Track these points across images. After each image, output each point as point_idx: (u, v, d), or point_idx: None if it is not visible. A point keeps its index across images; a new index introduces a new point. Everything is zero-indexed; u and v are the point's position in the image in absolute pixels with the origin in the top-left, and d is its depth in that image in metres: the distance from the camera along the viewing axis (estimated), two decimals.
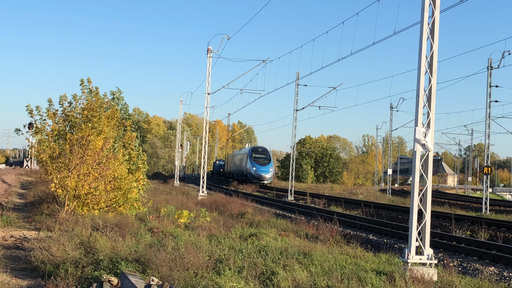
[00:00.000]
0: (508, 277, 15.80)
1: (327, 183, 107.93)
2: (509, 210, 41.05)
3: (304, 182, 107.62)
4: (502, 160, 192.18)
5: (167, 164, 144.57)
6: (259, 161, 75.48)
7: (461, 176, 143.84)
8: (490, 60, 41.40)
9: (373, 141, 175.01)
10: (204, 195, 43.19)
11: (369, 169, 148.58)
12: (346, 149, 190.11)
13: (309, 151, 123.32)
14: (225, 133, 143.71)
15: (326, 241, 19.38)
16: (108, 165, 22.25)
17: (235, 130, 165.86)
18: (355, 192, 67.35)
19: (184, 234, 17.61)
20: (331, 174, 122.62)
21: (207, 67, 45.19)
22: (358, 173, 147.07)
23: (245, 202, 34.63)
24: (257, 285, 11.42)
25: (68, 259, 13.12)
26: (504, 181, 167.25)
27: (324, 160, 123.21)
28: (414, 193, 13.87)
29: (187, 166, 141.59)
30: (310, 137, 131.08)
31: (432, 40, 14.17)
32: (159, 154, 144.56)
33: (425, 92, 14.15)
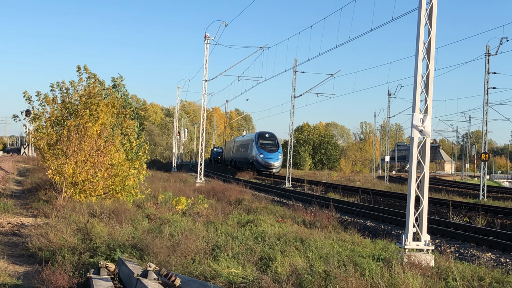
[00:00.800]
0: (505, 263, 15.85)
1: (325, 170, 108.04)
2: (507, 197, 41.12)
3: (302, 169, 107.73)
4: (500, 147, 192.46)
5: (165, 151, 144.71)
6: (266, 147, 70.01)
7: (458, 163, 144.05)
8: (488, 47, 41.32)
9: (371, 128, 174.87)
10: (202, 182, 43.20)
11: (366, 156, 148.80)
12: (344, 136, 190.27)
13: (307, 138, 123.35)
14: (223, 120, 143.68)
15: (324, 228, 19.41)
16: (105, 152, 22.24)
17: (232, 117, 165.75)
18: (352, 179, 67.43)
19: (181, 221, 17.62)
20: (328, 161, 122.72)
21: (205, 54, 45.09)
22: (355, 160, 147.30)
23: (243, 189, 34.67)
24: (255, 271, 11.43)
25: (65, 245, 13.13)
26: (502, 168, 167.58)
27: (322, 147, 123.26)
28: (411, 179, 13.87)
29: (185, 153, 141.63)
30: (308, 124, 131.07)
31: (430, 26, 14.12)
32: (156, 141, 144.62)
33: (423, 78, 14.12)
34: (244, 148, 77.61)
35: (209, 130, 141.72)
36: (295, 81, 52.99)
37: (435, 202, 32.55)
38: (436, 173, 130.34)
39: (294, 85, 53.11)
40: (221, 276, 10.86)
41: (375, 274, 11.02)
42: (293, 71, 52.27)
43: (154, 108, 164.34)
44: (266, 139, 71.46)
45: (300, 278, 10.58)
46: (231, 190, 32.87)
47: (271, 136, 72.54)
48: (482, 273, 11.93)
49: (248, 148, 74.25)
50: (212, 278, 10.79)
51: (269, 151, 69.14)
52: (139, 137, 29.06)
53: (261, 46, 44.49)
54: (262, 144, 70.24)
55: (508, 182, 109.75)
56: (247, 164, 74.72)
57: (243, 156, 76.96)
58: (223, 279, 10.72)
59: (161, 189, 27.60)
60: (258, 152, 69.02)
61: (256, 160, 69.22)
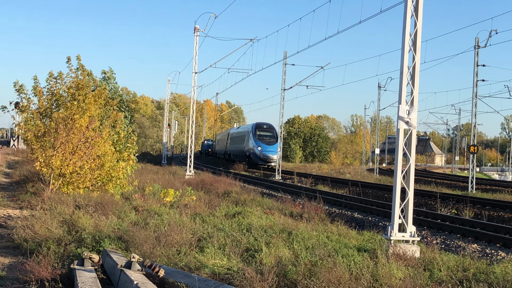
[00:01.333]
0: (490, 254, 15.94)
1: (315, 162, 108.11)
2: (495, 189, 41.32)
3: (292, 161, 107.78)
4: (490, 139, 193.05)
5: (155, 144, 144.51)
6: (264, 139, 65.21)
7: (448, 155, 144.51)
8: (477, 39, 41.42)
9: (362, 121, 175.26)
10: (192, 175, 43.19)
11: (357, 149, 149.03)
12: (335, 129, 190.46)
13: (298, 131, 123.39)
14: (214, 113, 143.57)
15: (311, 220, 19.46)
16: (93, 144, 22.19)
17: (223, 110, 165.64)
18: (342, 172, 67.52)
19: (169, 213, 17.62)
20: (319, 154, 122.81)
21: (194, 46, 45.04)
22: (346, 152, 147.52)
23: (232, 181, 34.69)
24: (240, 262, 11.46)
25: (51, 237, 13.11)
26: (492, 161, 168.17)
27: (313, 140, 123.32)
28: (397, 171, 13.91)
29: (176, 146, 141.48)
30: (299, 117, 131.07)
31: (416, 17, 14.13)
32: (147, 133, 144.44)
33: (409, 70, 14.14)
34: (239, 140, 73.53)
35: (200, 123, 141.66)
36: (285, 74, 53.00)
37: (424, 194, 32.68)
38: (426, 166, 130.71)
39: (284, 77, 53.11)
40: (205, 268, 10.88)
41: (360, 265, 11.06)
42: (283, 64, 52.28)
43: (145, 100, 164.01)
44: (264, 130, 67.20)
45: (284, 269, 10.61)
46: (220, 182, 32.89)
47: (269, 127, 68.36)
48: (466, 264, 12.00)
49: (244, 140, 70.38)
50: (196, 269, 10.80)
51: (267, 143, 64.64)
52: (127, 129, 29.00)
53: (251, 39, 44.48)
54: (260, 136, 65.93)
55: (497, 175, 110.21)
56: (243, 157, 71.13)
57: (239, 148, 73.13)
58: (208, 270, 10.73)
59: (148, 181, 27.56)
60: (256, 144, 64.86)
61: (253, 153, 65.44)
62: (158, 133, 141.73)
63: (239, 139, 73.52)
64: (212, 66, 49.64)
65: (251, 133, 66.22)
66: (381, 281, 10.13)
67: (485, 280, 10.54)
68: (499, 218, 23.67)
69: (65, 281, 9.73)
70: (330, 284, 9.85)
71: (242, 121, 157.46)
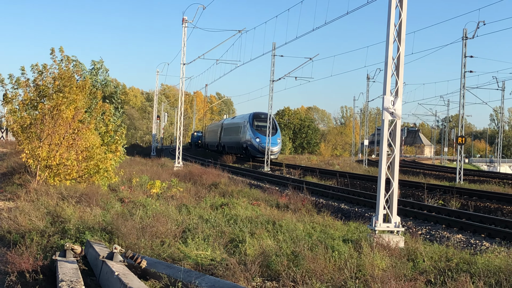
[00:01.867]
0: (474, 244, 16.01)
1: (305, 154, 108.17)
2: (483, 180, 41.50)
3: (282, 153, 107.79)
4: (479, 130, 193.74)
5: (145, 136, 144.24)
6: (263, 130, 60.40)
7: (438, 146, 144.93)
8: (465, 31, 41.48)
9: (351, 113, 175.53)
10: (180, 166, 43.14)
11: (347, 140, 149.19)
12: (325, 121, 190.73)
13: (288, 122, 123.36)
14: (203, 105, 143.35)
15: (297, 210, 19.48)
16: (79, 135, 22.12)
17: (213, 101, 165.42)
18: (331, 163, 67.58)
19: (154, 204, 17.59)
20: (309, 145, 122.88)
21: (183, 38, 44.93)
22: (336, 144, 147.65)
23: (220, 172, 34.68)
24: (224, 253, 11.46)
25: (34, 228, 13.07)
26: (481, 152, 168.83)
27: (302, 131, 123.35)
28: (382, 161, 13.93)
29: (165, 137, 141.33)
30: (289, 109, 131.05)
31: (400, 8, 14.13)
32: (136, 125, 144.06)
33: (394, 61, 14.15)
34: (235, 131, 69.40)
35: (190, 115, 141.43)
36: (274, 65, 53.03)
37: (412, 185, 32.78)
38: (416, 157, 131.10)
39: (272, 68, 53.13)
40: (189, 258, 10.88)
41: (344, 255, 11.09)
42: (272, 55, 52.24)
43: (134, 92, 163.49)
44: (262, 120, 62.31)
45: (268, 259, 10.62)
46: (208, 174, 32.85)
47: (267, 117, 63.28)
48: (450, 254, 12.06)
49: (240, 131, 66.38)
50: (180, 260, 10.80)
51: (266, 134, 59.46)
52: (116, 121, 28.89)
53: (239, 30, 44.38)
54: (258, 127, 61.72)
55: (486, 166, 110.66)
56: (239, 149, 67.42)
57: (234, 140, 68.93)
58: (191, 261, 10.73)
59: (134, 172, 27.51)
60: (254, 135, 60.78)
61: (251, 145, 61.13)
62: (148, 125, 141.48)
63: (234, 130, 69.88)
64: (200, 57, 49.60)
65: (248, 124, 62.27)
66: (364, 271, 10.16)
67: (467, 270, 10.59)
68: (485, 208, 23.78)
69: (46, 272, 9.70)
70: (313, 274, 9.88)
71: (232, 112, 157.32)
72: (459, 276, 9.81)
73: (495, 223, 19.00)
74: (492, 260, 11.14)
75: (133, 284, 8.08)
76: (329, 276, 9.94)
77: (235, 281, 9.36)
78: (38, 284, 9.23)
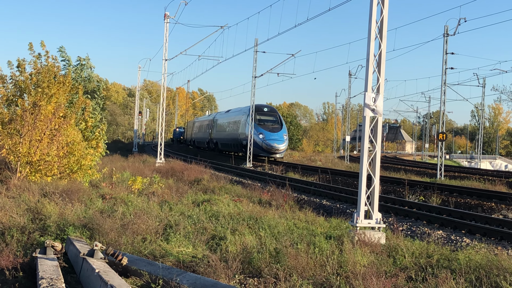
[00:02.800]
0: (455, 241, 16.10)
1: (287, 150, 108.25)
2: (463, 176, 41.77)
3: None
4: (460, 127, 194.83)
5: (127, 132, 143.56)
6: (266, 125, 54.64)
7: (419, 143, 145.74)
8: (446, 27, 41.68)
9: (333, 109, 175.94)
10: (162, 162, 43.03)
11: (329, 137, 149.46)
12: (307, 117, 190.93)
13: None
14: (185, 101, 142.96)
15: (279, 207, 19.49)
16: (60, 131, 21.99)
17: (195, 97, 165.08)
18: (313, 159, 67.68)
19: (136, 200, 17.53)
20: (291, 141, 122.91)
21: (164, 33, 44.79)
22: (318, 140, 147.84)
23: (203, 169, 34.61)
24: (205, 249, 11.45)
25: (15, 225, 12.97)
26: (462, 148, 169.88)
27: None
28: (363, 158, 13.96)
29: (147, 133, 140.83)
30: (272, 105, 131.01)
31: (382, 5, 14.16)
32: (118, 121, 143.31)
33: (375, 58, 14.17)
34: (231, 126, 62.61)
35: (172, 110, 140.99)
36: (256, 61, 52.92)
37: (393, 181, 32.94)
38: (397, 153, 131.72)
39: (255, 65, 53.04)
40: (170, 255, 10.86)
41: (326, 252, 11.11)
42: (254, 51, 52.16)
43: (116, 87, 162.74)
44: (264, 114, 55.53)
45: (249, 256, 10.63)
46: (190, 170, 32.79)
47: (271, 110, 57.21)
48: (430, 250, 12.11)
49: (238, 127, 59.42)
50: (161, 257, 10.77)
51: (270, 130, 53.59)
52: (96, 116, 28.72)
53: (222, 26, 44.31)
54: (261, 121, 54.41)
55: (467, 162, 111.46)
56: (237, 146, 60.29)
57: (231, 137, 61.82)
58: (172, 258, 10.71)
59: (114, 169, 27.37)
60: (256, 131, 53.08)
61: (254, 143, 52.53)
62: (130, 121, 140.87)
63: (231, 125, 62.82)
64: (182, 53, 49.47)
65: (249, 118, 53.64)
66: (345, 268, 10.19)
67: (448, 266, 10.66)
68: (465, 204, 23.94)
69: (26, 269, 9.62)
70: (295, 271, 9.90)
71: (214, 108, 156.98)
72: (440, 273, 9.87)
73: (475, 219, 19.14)
74: (473, 256, 11.21)
75: (113, 282, 8.05)
76: (311, 273, 9.96)
77: (217, 278, 9.35)
78: (18, 281, 9.15)
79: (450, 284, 9.21)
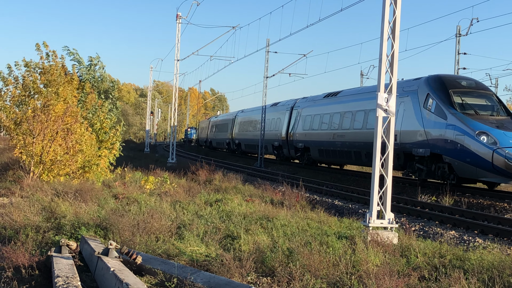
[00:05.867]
0: (467, 241, 16.09)
1: None
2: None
3: None
4: None
5: (139, 132, 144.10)
6: (483, 116, 25.53)
7: None
8: (458, 28, 41.63)
9: None
10: (174, 162, 43.17)
11: None
12: None
13: None
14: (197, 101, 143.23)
15: (292, 207, 19.52)
16: (72, 131, 22.14)
17: (206, 97, 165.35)
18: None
19: (148, 200, 17.62)
20: None
21: (176, 34, 44.98)
22: None
23: (214, 169, 34.66)
24: (219, 249, 11.50)
25: (29, 224, 13.09)
26: None
27: None
28: (375, 158, 13.98)
29: (159, 133, 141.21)
30: None
31: (395, 5, 14.17)
32: (130, 121, 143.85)
33: (388, 58, 14.19)
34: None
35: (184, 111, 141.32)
36: (268, 61, 52.92)
37: (405, 182, 32.85)
38: None
39: (266, 65, 53.06)
40: (184, 255, 10.92)
41: (339, 251, 11.15)
42: (266, 51, 52.16)
43: (127, 88, 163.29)
44: (470, 92, 27.52)
45: (262, 255, 10.68)
46: (202, 170, 32.83)
47: (478, 86, 28.20)
48: (443, 250, 12.12)
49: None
50: (175, 256, 10.84)
51: (499, 125, 25.18)
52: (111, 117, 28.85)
53: (233, 26, 44.40)
54: (467, 107, 26.65)
55: None
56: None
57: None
58: (186, 257, 10.77)
59: (127, 169, 27.48)
60: (465, 129, 25.10)
61: (470, 154, 24.95)
62: (142, 121, 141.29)
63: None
64: (194, 53, 49.61)
65: (438, 100, 26.58)
66: (358, 267, 10.22)
67: (461, 266, 10.66)
68: (478, 205, 23.86)
69: (42, 268, 9.72)
70: (308, 270, 9.94)
71: (225, 108, 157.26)
72: (453, 272, 9.88)
73: (488, 219, 19.09)
74: (485, 257, 11.21)
75: (128, 280, 8.11)
76: (324, 272, 10.00)
77: (230, 277, 9.41)
78: (34, 279, 9.25)
79: (462, 284, 9.23)
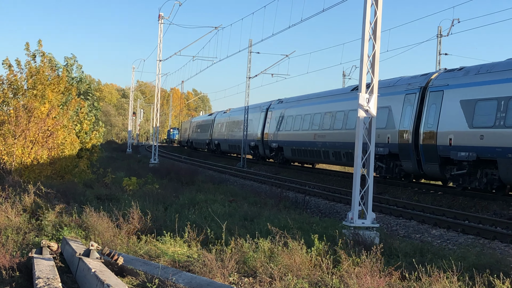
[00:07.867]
0: (449, 240, 16.20)
1: None
2: None
3: None
4: None
5: (121, 132, 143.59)
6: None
7: None
8: (439, 28, 41.85)
9: None
10: (156, 163, 43.04)
11: None
12: None
13: None
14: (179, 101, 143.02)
15: (274, 207, 19.55)
16: (55, 133, 22.04)
17: (189, 97, 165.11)
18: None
19: (131, 201, 17.55)
20: None
21: (159, 34, 44.84)
22: None
23: (197, 169, 34.69)
24: (201, 249, 11.50)
25: (11, 225, 13.00)
26: None
27: None
28: (357, 158, 14.05)
29: (141, 134, 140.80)
30: None
31: (376, 6, 14.24)
32: (112, 122, 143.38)
33: (369, 58, 14.26)
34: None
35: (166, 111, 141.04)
36: (250, 62, 52.95)
37: (387, 182, 32.99)
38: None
39: (249, 65, 53.06)
40: (166, 255, 10.91)
41: (320, 251, 11.18)
42: (248, 52, 52.18)
43: (109, 88, 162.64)
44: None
45: (245, 255, 10.69)
46: (185, 170, 32.83)
47: None
48: (425, 249, 12.20)
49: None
50: (157, 257, 10.83)
51: None
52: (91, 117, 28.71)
53: (216, 26, 44.35)
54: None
55: None
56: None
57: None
58: (168, 258, 10.77)
59: (112, 169, 27.41)
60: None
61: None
62: (124, 121, 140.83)
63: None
64: (176, 54, 49.54)
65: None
66: (339, 267, 10.26)
67: (441, 265, 10.72)
68: (459, 205, 24.03)
69: (23, 269, 9.66)
70: (290, 270, 9.97)
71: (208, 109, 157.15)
72: (434, 272, 9.93)
73: (469, 219, 19.23)
74: (466, 256, 11.30)
75: (110, 281, 8.09)
76: (306, 272, 10.03)
77: (212, 277, 9.41)
78: (15, 281, 9.20)
79: (443, 283, 9.29)
